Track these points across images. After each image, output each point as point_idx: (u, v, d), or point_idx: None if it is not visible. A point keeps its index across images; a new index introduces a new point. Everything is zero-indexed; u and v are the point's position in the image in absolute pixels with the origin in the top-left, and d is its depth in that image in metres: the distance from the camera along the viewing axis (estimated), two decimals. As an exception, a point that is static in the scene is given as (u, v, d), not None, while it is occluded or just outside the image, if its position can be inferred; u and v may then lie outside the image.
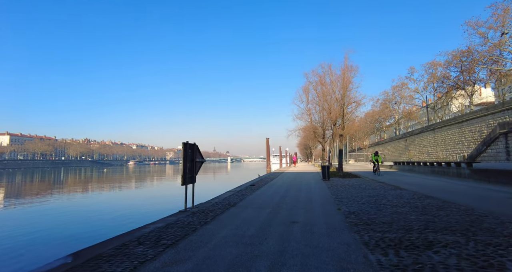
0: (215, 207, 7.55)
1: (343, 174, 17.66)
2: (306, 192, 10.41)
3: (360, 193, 9.59)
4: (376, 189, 10.44)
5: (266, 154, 41.68)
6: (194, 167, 7.82)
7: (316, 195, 9.34)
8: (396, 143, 56.98)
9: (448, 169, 15.10)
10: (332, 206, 7.15)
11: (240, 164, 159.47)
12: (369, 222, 5.22)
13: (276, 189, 11.43)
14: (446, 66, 35.18)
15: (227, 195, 9.88)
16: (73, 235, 9.80)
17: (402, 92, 48.97)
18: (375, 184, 12.29)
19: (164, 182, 36.72)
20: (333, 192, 10.07)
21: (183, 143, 7.33)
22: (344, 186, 11.78)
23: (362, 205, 7.12)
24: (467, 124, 30.50)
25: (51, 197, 21.43)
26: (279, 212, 6.52)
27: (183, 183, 7.20)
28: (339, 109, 18.35)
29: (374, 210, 6.41)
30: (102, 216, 13.15)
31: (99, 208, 15.94)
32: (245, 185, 13.59)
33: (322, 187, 11.98)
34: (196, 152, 7.98)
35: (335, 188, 11.17)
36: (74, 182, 39.59)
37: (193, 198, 7.75)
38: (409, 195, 8.76)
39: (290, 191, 10.84)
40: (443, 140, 36.55)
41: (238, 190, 11.33)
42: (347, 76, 17.85)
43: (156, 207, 14.27)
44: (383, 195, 8.92)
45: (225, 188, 15.31)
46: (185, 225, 5.43)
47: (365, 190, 10.21)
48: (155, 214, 9.84)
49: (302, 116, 32.42)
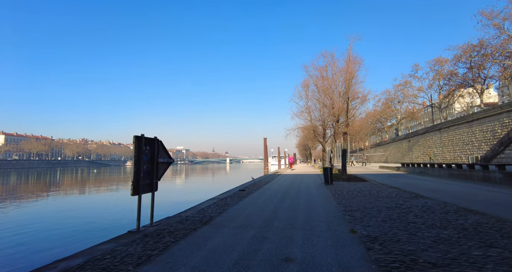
0: (181, 224, 5.52)
1: (348, 177, 15.63)
2: (305, 201, 8.38)
3: (374, 202, 7.56)
4: (393, 198, 8.42)
5: (264, 154, 39.67)
6: (154, 170, 5.80)
7: (318, 207, 7.31)
8: (399, 144, 54.95)
9: (471, 172, 13.03)
10: (342, 226, 5.12)
11: (239, 165, 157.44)
12: (408, 263, 3.20)
13: (269, 197, 9.39)
14: (454, 62, 33.09)
15: (206, 205, 7.84)
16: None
17: (406, 90, 46.86)
18: (388, 190, 10.26)
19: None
20: (339, 201, 8.04)
21: (136, 137, 5.29)
22: (352, 193, 9.75)
23: (383, 224, 5.10)
24: (477, 123, 28.50)
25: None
26: (267, 237, 4.50)
27: (134, 192, 5.17)
28: (343, 104, 16.32)
29: (404, 234, 4.39)
30: (27, 237, 9.37)
31: (39, 221, 11.92)
32: (234, 190, 11.54)
33: (325, 193, 9.94)
34: (158, 150, 5.96)
35: (341, 196, 9.15)
36: (44, 185, 33.16)
37: (152, 212, 5.71)
38: (440, 207, 6.73)
39: (286, 199, 8.80)
40: (450, 141, 34.54)
41: (223, 197, 9.29)
42: (352, 66, 15.84)
43: (116, 220, 11.55)
44: (405, 206, 6.89)
45: (212, 193, 13.29)
46: (114, 264, 3.41)
47: (379, 199, 8.19)
48: (106, 233, 7.85)
49: (302, 114, 30.37)
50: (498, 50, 27.03)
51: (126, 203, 16.45)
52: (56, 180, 42.47)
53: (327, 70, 17.40)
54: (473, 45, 29.25)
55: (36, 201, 18.88)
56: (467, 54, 30.07)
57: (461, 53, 30.56)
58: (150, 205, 5.74)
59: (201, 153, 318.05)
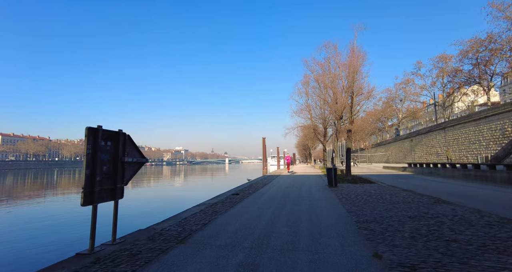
0: (151, 242, 4.26)
1: (352, 179, 14.39)
2: (308, 207, 7.13)
3: (390, 210, 6.32)
4: (410, 203, 7.17)
5: (263, 154, 38.42)
6: (119, 172, 4.54)
7: (325, 216, 6.06)
8: (401, 144, 53.75)
9: (492, 173, 11.74)
10: (360, 245, 3.87)
11: (238, 166, 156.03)
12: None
13: (266, 202, 8.13)
14: (460, 58, 31.84)
15: (191, 213, 6.59)
16: None
17: (408, 89, 45.59)
18: (402, 194, 9.02)
19: (140, 189, 25.67)
20: (349, 208, 6.79)
21: (89, 129, 4.05)
22: (361, 197, 8.51)
23: (414, 243, 3.86)
24: (485, 121, 27.29)
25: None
26: (260, 265, 3.25)
27: (85, 201, 3.90)
28: (346, 99, 15.08)
29: (453, 262, 3.15)
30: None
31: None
32: (227, 194, 10.27)
33: (330, 198, 8.70)
34: (125, 147, 4.70)
35: (349, 201, 7.90)
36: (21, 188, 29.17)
37: (115, 226, 4.45)
38: (476, 217, 5.49)
39: (285, 205, 7.55)
40: (455, 140, 33.33)
41: (213, 203, 8.03)
42: (357, 59, 14.61)
43: (80, 235, 8.60)
44: (431, 215, 5.65)
45: (204, 195, 12.08)
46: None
47: (395, 205, 6.94)
48: (54, 255, 6.51)
49: (301, 112, 29.20)
50: (508, 44, 25.76)
51: (104, 210, 14.16)
52: (53, 182, 41.02)
53: (330, 63, 16.14)
54: (481, 40, 28.05)
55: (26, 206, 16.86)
56: (474, 49, 28.85)
57: (468, 48, 29.32)
58: (113, 217, 4.50)
59: (200, 153, 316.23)
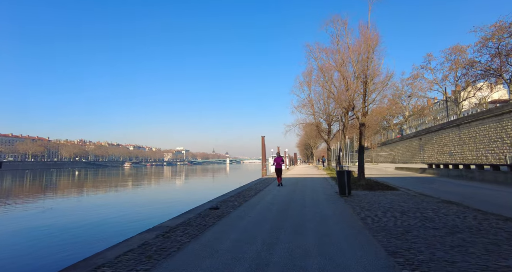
0: None
1: (367, 183, 11.66)
2: (318, 238, 4.41)
3: (462, 245, 3.60)
4: (480, 230, 4.47)
5: (262, 154, 35.76)
6: None
7: (351, 262, 3.33)
8: (408, 143, 50.83)
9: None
10: None
11: (239, 166, 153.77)
12: None
13: (251, 227, 5.42)
14: (479, 48, 28.86)
15: (121, 251, 3.91)
16: None
17: (417, 84, 42.64)
18: (449, 210, 6.28)
19: (136, 193, 24.35)
20: (387, 242, 4.04)
21: None
22: (391, 215, 5.78)
23: None
24: (509, 116, 24.46)
25: None
26: None
27: None
28: (358, 85, 12.39)
29: None
30: None
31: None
32: (201, 209, 7.45)
33: (348, 218, 5.95)
34: None
35: (379, 224, 5.16)
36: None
37: None
38: None
39: (279, 236, 4.85)
40: (472, 138, 30.48)
41: (171, 228, 5.33)
42: (371, 37, 11.92)
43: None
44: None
45: (177, 208, 9.48)
46: None
47: (457, 235, 4.22)
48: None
49: (304, 107, 26.59)
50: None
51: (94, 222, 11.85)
52: (40, 185, 38.63)
53: (339, 41, 13.42)
54: (504, 26, 25.19)
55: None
56: (496, 36, 25.97)
57: (489, 36, 26.38)
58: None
59: (201, 153, 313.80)
